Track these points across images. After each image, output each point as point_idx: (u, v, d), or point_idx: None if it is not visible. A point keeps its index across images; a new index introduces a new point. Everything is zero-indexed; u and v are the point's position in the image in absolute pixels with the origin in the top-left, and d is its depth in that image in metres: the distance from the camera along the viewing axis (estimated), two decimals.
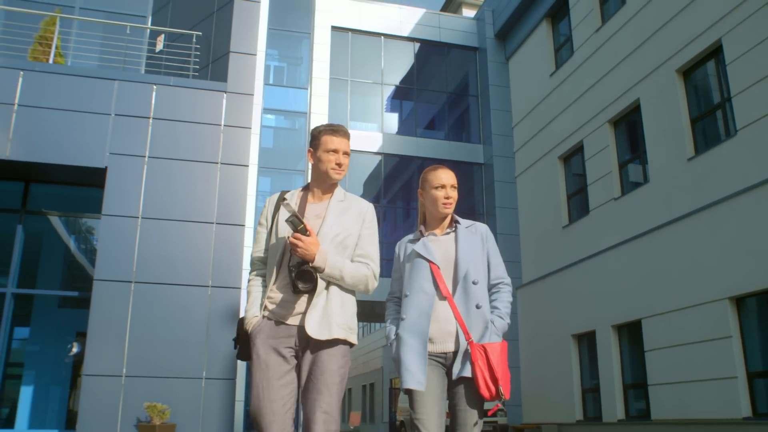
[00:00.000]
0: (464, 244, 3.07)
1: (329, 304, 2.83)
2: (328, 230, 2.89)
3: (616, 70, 14.07)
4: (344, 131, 3.02)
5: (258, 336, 2.85)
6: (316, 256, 2.75)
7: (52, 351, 11.28)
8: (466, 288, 2.97)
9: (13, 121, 8.66)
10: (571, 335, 14.59)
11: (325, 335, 2.75)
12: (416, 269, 3.06)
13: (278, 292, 2.87)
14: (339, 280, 2.85)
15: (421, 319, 2.96)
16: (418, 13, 19.65)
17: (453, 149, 18.65)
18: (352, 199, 3.05)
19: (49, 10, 10.95)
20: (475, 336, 2.91)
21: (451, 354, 2.96)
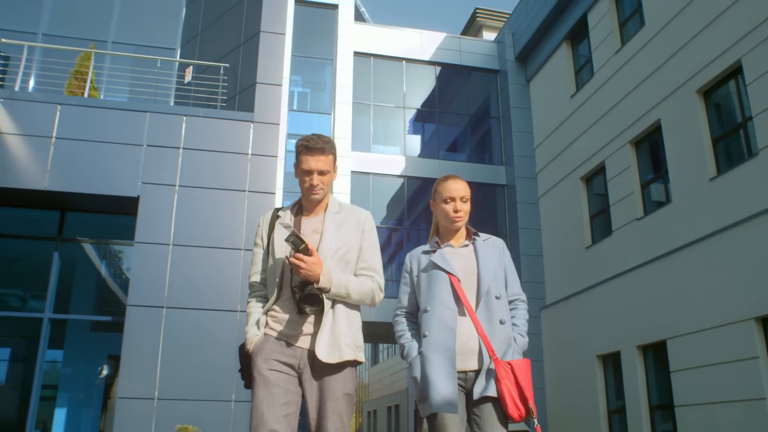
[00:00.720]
0: (485, 258, 2.96)
1: (336, 324, 2.71)
2: (328, 245, 2.77)
3: (637, 91, 14.16)
4: (320, 148, 2.81)
5: (259, 354, 2.73)
6: (321, 277, 2.64)
7: (85, 373, 11.60)
8: (488, 303, 2.85)
9: (51, 153, 9.05)
10: (596, 356, 14.57)
11: (335, 358, 2.65)
12: (435, 282, 2.92)
13: (281, 312, 2.76)
14: (345, 297, 2.74)
15: (446, 335, 2.81)
16: (439, 37, 19.96)
17: (475, 171, 18.82)
18: (348, 210, 2.93)
19: (84, 46, 11.41)
20: (499, 353, 2.78)
21: (473, 373, 2.81)
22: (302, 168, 2.82)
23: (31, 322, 10.41)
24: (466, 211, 3.05)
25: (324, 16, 18.31)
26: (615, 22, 15.61)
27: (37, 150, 9.01)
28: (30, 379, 10.49)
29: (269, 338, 2.75)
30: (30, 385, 10.40)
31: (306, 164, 2.80)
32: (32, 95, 9.45)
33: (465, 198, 3.04)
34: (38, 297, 10.84)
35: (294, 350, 2.71)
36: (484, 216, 19.01)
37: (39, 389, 9.68)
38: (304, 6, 17.72)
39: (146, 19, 12.59)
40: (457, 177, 3.13)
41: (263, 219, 2.96)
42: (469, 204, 3.05)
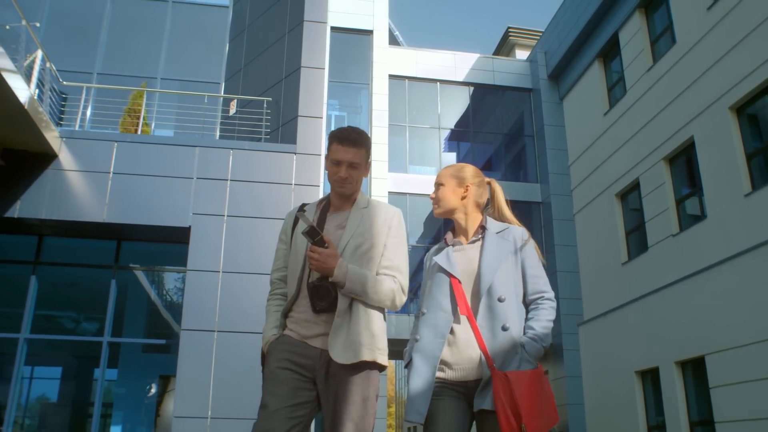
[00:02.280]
0: (489, 253, 2.64)
1: (354, 323, 2.54)
2: (350, 241, 2.62)
3: (670, 108, 14.31)
4: (353, 139, 2.67)
5: (272, 353, 2.60)
6: (335, 270, 2.49)
7: (137, 392, 12.19)
8: (490, 306, 2.55)
9: (109, 187, 9.69)
10: (634, 372, 14.65)
11: (350, 358, 2.48)
12: (435, 283, 2.68)
13: (300, 312, 2.63)
14: (361, 295, 2.55)
15: (434, 342, 2.57)
16: (472, 58, 20.33)
17: (510, 189, 19.08)
18: (376, 206, 2.77)
19: (135, 82, 12.13)
20: (500, 362, 2.50)
21: (473, 383, 2.56)
22: (332, 158, 2.68)
23: (89, 345, 11.06)
24: (439, 197, 2.84)
25: (359, 41, 18.86)
26: (646, 40, 15.79)
27: (97, 185, 9.66)
28: (87, 398, 11.11)
29: (286, 338, 2.62)
30: (87, 402, 11.03)
31: (336, 154, 2.66)
32: (91, 134, 10.13)
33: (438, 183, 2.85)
34: (95, 320, 11.50)
35: (310, 351, 2.56)
36: None
37: (99, 407, 10.25)
38: (340, 33, 18.28)
39: (192, 55, 13.27)
40: (450, 165, 2.91)
41: (289, 214, 2.85)
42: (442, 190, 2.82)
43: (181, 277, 11.25)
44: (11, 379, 9.89)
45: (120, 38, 13.36)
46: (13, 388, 9.93)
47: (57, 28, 13.21)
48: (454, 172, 2.85)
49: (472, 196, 2.82)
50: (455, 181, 2.81)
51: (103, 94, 12.13)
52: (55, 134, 9.62)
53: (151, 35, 13.26)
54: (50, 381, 12.10)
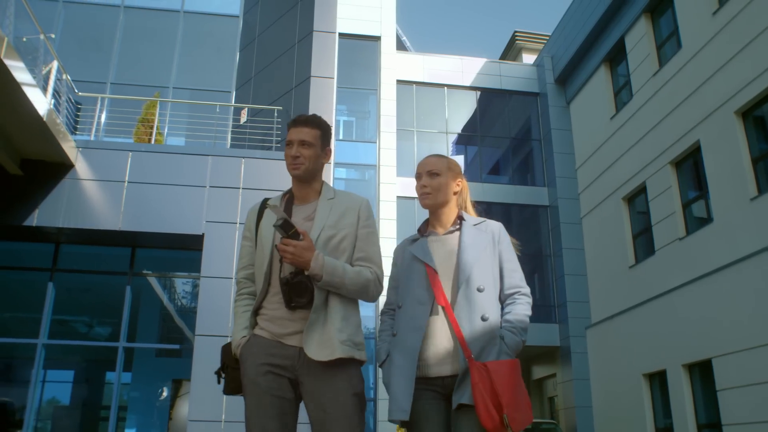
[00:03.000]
0: (469, 244, 2.56)
1: (329, 319, 2.45)
2: (322, 233, 2.52)
3: (676, 113, 14.41)
4: (304, 119, 2.64)
5: (249, 358, 2.46)
6: (311, 262, 2.37)
7: (150, 396, 12.42)
8: (468, 296, 2.46)
9: (124, 196, 9.91)
10: (642, 374, 14.75)
11: (327, 356, 2.38)
12: (411, 275, 2.58)
13: (271, 309, 2.51)
14: (339, 287, 2.45)
15: (412, 335, 2.46)
16: (479, 62, 20.50)
17: (518, 193, 19.22)
18: (343, 196, 2.67)
19: (148, 91, 12.36)
20: (477, 353, 2.39)
21: (450, 379, 2.44)
22: (286, 142, 2.64)
23: (103, 349, 11.29)
24: (435, 186, 2.68)
25: (367, 47, 19.07)
26: (652, 44, 15.90)
27: (112, 193, 9.89)
28: (101, 401, 11.33)
29: (259, 339, 2.49)
30: (101, 405, 11.25)
31: (289, 135, 2.63)
32: (106, 144, 10.37)
33: (433, 171, 2.69)
34: (109, 325, 11.74)
35: (286, 350, 2.45)
36: (528, 237, 19.37)
37: (116, 410, 10.47)
38: (348, 39, 18.48)
39: (203, 64, 13.51)
40: (432, 154, 2.81)
41: (251, 210, 2.72)
42: (440, 180, 2.69)
43: (193, 283, 11.47)
44: (29, 383, 10.13)
45: (133, 48, 13.62)
46: (32, 392, 10.17)
47: (71, 39, 13.48)
48: (450, 165, 2.75)
49: (462, 193, 2.77)
50: (451, 174, 2.72)
51: (117, 103, 12.37)
52: (72, 144, 9.86)
53: (163, 45, 13.51)
54: (64, 384, 12.34)
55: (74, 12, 13.63)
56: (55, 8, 13.25)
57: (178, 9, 13.76)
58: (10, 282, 11.16)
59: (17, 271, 11.02)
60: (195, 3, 13.88)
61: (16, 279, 11.22)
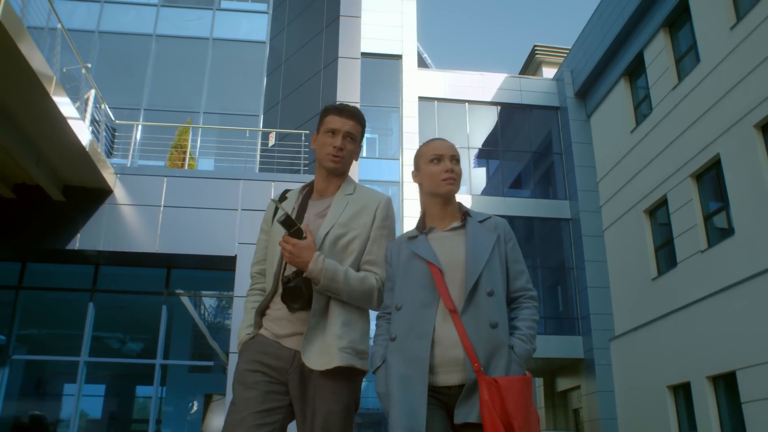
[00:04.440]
0: (476, 243, 2.31)
1: (330, 325, 2.28)
2: (331, 231, 2.34)
3: (695, 126, 14.58)
4: (352, 110, 2.47)
5: (244, 353, 2.36)
6: (310, 264, 2.22)
7: (183, 410, 12.83)
8: (477, 300, 2.21)
9: (160, 220, 10.37)
10: (666, 386, 14.86)
11: (324, 364, 2.22)
12: (412, 274, 2.30)
13: (275, 309, 2.38)
14: (338, 294, 2.29)
15: (418, 341, 2.19)
16: (499, 78, 20.79)
17: (540, 206, 19.45)
18: (363, 192, 2.48)
19: (179, 117, 12.86)
20: (486, 365, 2.15)
21: (456, 389, 2.19)
22: (327, 128, 2.44)
23: (139, 365, 11.75)
24: (459, 173, 2.41)
25: (389, 66, 19.48)
26: (671, 58, 16.08)
27: (149, 217, 10.35)
28: (135, 414, 11.75)
29: (259, 338, 2.37)
30: (136, 419, 11.66)
31: (333, 123, 2.43)
32: (143, 170, 10.86)
33: (456, 158, 2.42)
34: (144, 342, 12.20)
35: (282, 351, 2.31)
36: (550, 250, 19.57)
37: (154, 425, 10.89)
38: (370, 58, 18.90)
39: (232, 89, 14.00)
40: (445, 139, 2.50)
41: (271, 202, 2.58)
42: (460, 167, 2.43)
43: (224, 302, 11.90)
44: (62, 396, 10.60)
45: (164, 75, 14.17)
46: (74, 408, 10.63)
47: (106, 67, 14.07)
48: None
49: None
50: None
51: (151, 128, 12.88)
52: (111, 171, 10.35)
53: (194, 71, 14.04)
54: (98, 398, 12.78)
55: (109, 41, 14.23)
56: (91, 38, 13.86)
57: (207, 36, 14.30)
58: (53, 302, 11.70)
59: (60, 292, 11.54)
60: (223, 30, 14.42)
61: (59, 299, 11.75)
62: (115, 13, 14.52)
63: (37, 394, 12.01)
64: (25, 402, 11.53)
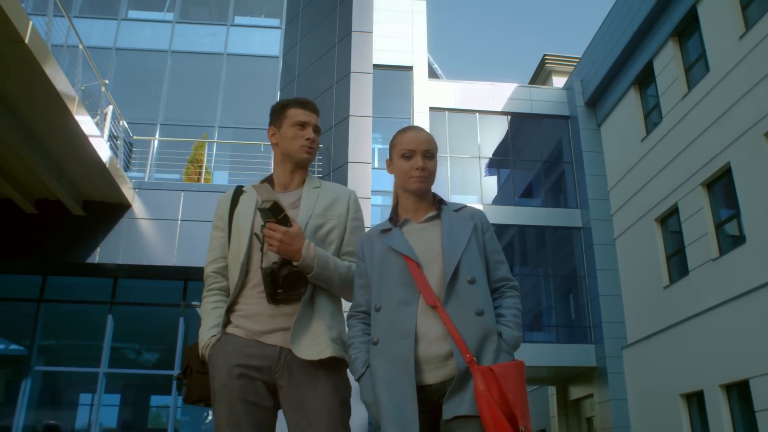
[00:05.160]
0: (452, 232, 2.19)
1: (318, 314, 2.21)
2: (310, 221, 2.28)
3: (706, 135, 14.65)
4: (315, 107, 2.45)
5: (218, 359, 2.16)
6: (303, 251, 2.13)
7: (198, 420, 13.01)
8: (458, 289, 2.09)
9: (178, 233, 10.59)
10: (679, 395, 14.88)
11: (316, 353, 2.12)
12: (389, 271, 2.16)
13: (247, 303, 2.23)
14: (328, 282, 2.23)
15: (400, 342, 2.06)
16: (509, 88, 20.93)
17: (551, 215, 19.53)
18: (330, 186, 2.47)
19: (195, 131, 13.11)
20: (477, 353, 2.02)
21: (439, 386, 2.05)
22: (295, 120, 2.38)
23: (154, 376, 11.95)
24: (431, 170, 2.27)
25: (400, 77, 19.67)
26: (680, 67, 16.18)
27: (166, 231, 10.58)
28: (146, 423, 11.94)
29: (232, 338, 2.20)
30: (152, 429, 11.84)
31: (300, 116, 2.39)
32: (160, 184, 11.09)
33: (431, 152, 2.27)
34: (161, 352, 12.40)
35: (265, 350, 2.17)
36: (562, 258, 19.64)
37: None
38: (381, 70, 19.11)
39: (246, 103, 14.24)
40: (421, 128, 2.35)
41: (222, 198, 2.47)
42: (434, 163, 2.29)
43: None
44: (89, 408, 10.81)
45: (180, 90, 14.43)
46: (93, 418, 10.84)
47: (122, 83, 14.36)
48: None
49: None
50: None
51: (167, 142, 13.13)
52: (129, 186, 10.58)
53: (208, 86, 14.29)
54: (113, 408, 12.98)
55: (126, 58, 14.52)
56: (109, 55, 14.16)
57: (221, 52, 14.55)
58: (73, 314, 11.93)
59: (80, 304, 11.78)
60: (237, 45, 14.67)
61: (79, 311, 11.98)
62: (132, 30, 14.82)
63: (57, 404, 12.23)
64: (46, 412, 11.76)
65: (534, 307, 19.59)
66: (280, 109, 2.43)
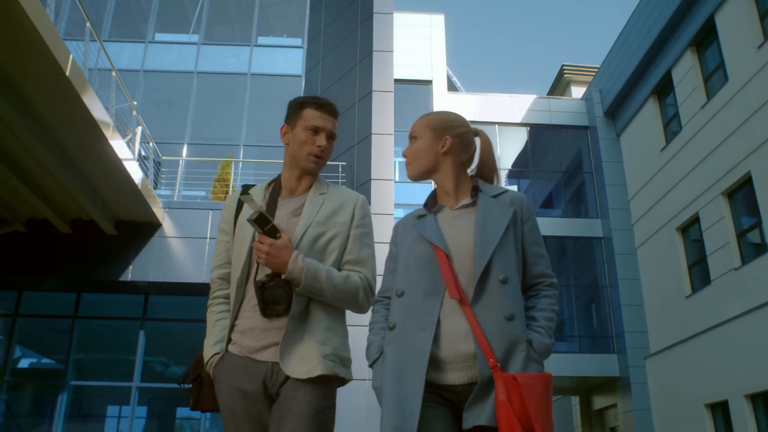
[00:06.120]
0: (486, 222, 2.03)
1: (311, 329, 2.11)
2: (309, 231, 2.18)
3: (726, 144, 14.69)
4: (333, 108, 2.30)
5: (222, 380, 2.12)
6: (289, 264, 2.05)
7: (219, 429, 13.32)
8: (488, 289, 1.96)
9: (206, 251, 10.90)
10: (703, 405, 14.88)
11: (306, 371, 2.04)
12: (416, 258, 2.05)
13: (244, 317, 2.15)
14: (321, 295, 2.11)
15: (419, 333, 1.96)
16: (528, 99, 21.09)
17: (571, 225, 19.62)
18: (337, 191, 2.33)
19: (220, 150, 13.48)
20: (503, 360, 1.90)
21: (464, 388, 1.94)
22: (308, 124, 2.23)
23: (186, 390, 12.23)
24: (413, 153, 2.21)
25: (420, 91, 19.93)
26: (699, 77, 16.24)
27: (195, 249, 10.90)
28: None
29: (231, 358, 2.14)
30: None
31: (314, 120, 2.23)
32: (189, 203, 11.43)
33: (411, 136, 2.22)
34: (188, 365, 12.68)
35: (259, 367, 2.10)
36: (584, 268, 19.71)
37: None
38: (401, 84, 19.39)
39: (270, 121, 14.57)
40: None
41: (230, 199, 2.37)
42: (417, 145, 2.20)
43: None
44: (121, 421, 11.13)
45: (205, 109, 14.83)
46: (127, 430, 11.17)
47: (150, 104, 14.79)
48: (431, 121, 2.20)
49: (456, 151, 2.18)
50: (431, 133, 2.17)
51: (193, 166, 13.51)
52: (160, 205, 10.93)
53: (233, 105, 14.67)
54: (139, 420, 13.31)
55: (153, 79, 14.96)
56: (137, 77, 14.61)
57: (245, 72, 14.93)
58: (106, 330, 12.30)
59: (113, 320, 12.16)
60: (260, 65, 15.04)
61: (112, 327, 12.35)
62: (159, 52, 15.28)
63: (91, 418, 12.59)
64: (81, 425, 12.12)
65: (556, 317, 19.63)
66: (296, 108, 2.29)
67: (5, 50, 6.76)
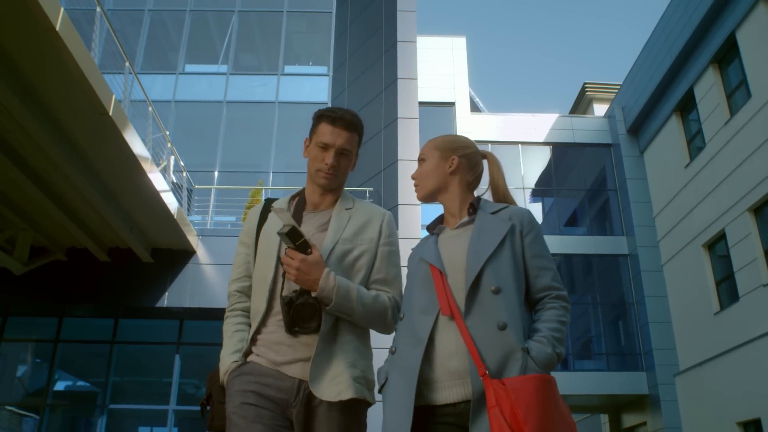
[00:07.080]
0: (480, 236, 2.03)
1: (340, 350, 2.06)
2: (337, 246, 2.12)
3: (750, 160, 14.71)
4: (348, 121, 2.19)
5: (235, 384, 2.05)
6: (321, 281, 2.00)
7: None
8: (480, 300, 1.93)
9: None
10: (735, 423, 14.77)
11: (336, 394, 1.99)
12: (415, 278, 2.08)
13: (269, 332, 2.09)
14: (351, 314, 2.06)
15: (412, 352, 1.95)
16: (551, 118, 21.25)
17: (596, 243, 19.66)
18: (363, 206, 2.27)
19: (250, 177, 13.86)
20: (495, 370, 1.85)
21: (463, 405, 1.89)
22: (319, 141, 2.19)
23: None
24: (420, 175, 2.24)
25: (443, 113, 20.21)
26: (722, 93, 16.29)
27: (228, 275, 11.19)
28: None
29: (252, 366, 2.08)
30: None
31: (324, 136, 2.18)
32: (222, 231, 11.79)
33: (419, 159, 2.26)
34: None
35: (284, 381, 2.04)
36: (610, 285, 19.70)
37: None
38: (424, 107, 19.69)
39: (298, 148, 14.85)
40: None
41: (252, 212, 2.32)
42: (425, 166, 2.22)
43: None
44: None
45: (235, 137, 15.27)
46: None
47: (181, 133, 15.24)
48: (439, 143, 2.23)
49: (463, 170, 2.20)
50: (439, 154, 2.20)
51: (223, 194, 13.92)
52: (194, 234, 11.29)
53: (262, 133, 15.08)
54: None
55: (184, 109, 15.45)
56: (168, 107, 15.10)
57: (273, 100, 15.35)
58: (143, 355, 12.66)
59: (149, 345, 12.51)
60: (288, 93, 15.46)
61: (148, 351, 12.70)
62: (189, 83, 15.79)
63: None
64: None
65: (582, 335, 19.65)
66: (314, 121, 2.25)
67: (54, 93, 7.16)
